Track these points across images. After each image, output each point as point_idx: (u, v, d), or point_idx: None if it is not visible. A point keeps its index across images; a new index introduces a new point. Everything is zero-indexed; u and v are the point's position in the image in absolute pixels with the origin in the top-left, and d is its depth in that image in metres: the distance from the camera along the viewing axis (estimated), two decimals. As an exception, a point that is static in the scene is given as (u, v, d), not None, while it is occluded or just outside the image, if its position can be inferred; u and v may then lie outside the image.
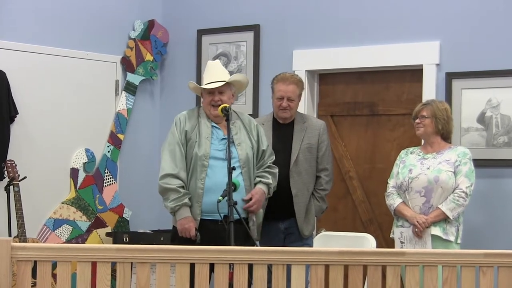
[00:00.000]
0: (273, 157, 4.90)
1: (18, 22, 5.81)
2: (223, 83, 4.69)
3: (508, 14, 5.39)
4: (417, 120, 5.02)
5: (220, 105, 4.65)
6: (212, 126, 4.73)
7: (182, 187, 4.61)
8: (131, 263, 3.31)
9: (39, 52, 5.91)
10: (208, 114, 4.75)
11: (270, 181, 4.80)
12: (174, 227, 4.72)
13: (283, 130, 5.26)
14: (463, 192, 4.81)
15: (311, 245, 5.29)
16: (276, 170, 4.88)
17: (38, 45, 5.90)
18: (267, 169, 4.83)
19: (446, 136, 5.02)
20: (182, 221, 4.58)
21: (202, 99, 4.87)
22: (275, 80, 5.28)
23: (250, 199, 4.66)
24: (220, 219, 4.35)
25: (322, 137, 5.26)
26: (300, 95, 5.26)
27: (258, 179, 4.76)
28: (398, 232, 4.96)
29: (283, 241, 5.18)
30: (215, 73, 4.74)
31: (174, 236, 4.73)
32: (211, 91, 4.70)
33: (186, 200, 4.59)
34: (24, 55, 5.82)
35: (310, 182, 5.22)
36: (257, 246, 4.65)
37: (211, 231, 4.55)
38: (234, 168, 4.40)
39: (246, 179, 4.69)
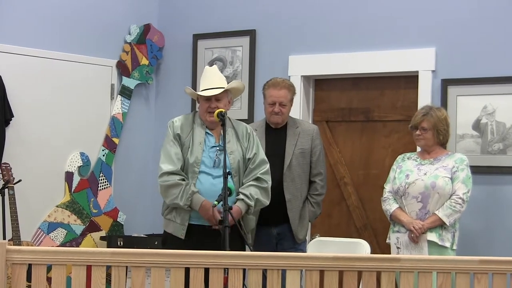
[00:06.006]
0: (264, 167, 4.70)
1: (14, 26, 5.80)
2: (221, 90, 4.66)
3: (504, 21, 5.40)
4: (418, 132, 4.98)
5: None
6: (206, 132, 4.71)
7: (183, 179, 4.55)
8: (126, 267, 3.30)
9: (35, 55, 5.90)
10: (204, 120, 4.72)
11: (252, 202, 4.58)
12: (165, 231, 4.72)
13: (276, 135, 5.25)
14: (460, 198, 4.81)
15: (304, 251, 5.28)
16: (267, 185, 4.68)
17: (34, 49, 5.89)
18: (255, 183, 4.64)
19: (443, 142, 5.02)
20: (202, 211, 4.47)
21: (198, 105, 4.86)
22: (266, 85, 5.28)
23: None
24: (208, 224, 4.37)
25: (315, 142, 5.26)
26: (291, 100, 5.26)
27: (241, 196, 4.58)
28: (394, 237, 4.96)
29: (275, 247, 5.17)
30: (212, 80, 4.70)
31: (164, 241, 4.74)
32: (208, 98, 4.67)
33: (193, 188, 4.51)
34: (20, 58, 5.81)
35: (303, 187, 5.22)
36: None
37: (199, 236, 4.54)
38: (229, 173, 4.37)
39: (236, 188, 4.63)
